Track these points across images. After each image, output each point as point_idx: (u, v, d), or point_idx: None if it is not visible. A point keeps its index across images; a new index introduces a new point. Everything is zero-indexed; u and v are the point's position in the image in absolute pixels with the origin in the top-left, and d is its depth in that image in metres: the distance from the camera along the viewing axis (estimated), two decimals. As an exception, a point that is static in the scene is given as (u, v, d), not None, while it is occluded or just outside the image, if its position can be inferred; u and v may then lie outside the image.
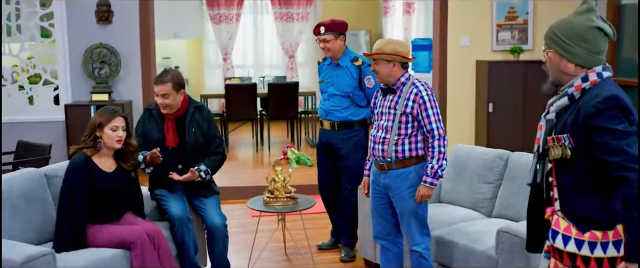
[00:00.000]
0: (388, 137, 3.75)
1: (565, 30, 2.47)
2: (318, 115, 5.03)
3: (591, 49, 2.45)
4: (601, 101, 2.34)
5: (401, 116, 3.71)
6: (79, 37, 7.23)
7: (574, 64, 2.46)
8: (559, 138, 2.42)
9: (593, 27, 2.45)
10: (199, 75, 12.32)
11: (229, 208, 6.14)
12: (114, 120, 3.85)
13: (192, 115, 4.32)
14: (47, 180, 4.05)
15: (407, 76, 3.79)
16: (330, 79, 4.86)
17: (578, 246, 2.40)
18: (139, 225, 3.93)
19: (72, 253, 3.69)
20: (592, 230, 2.38)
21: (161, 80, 4.19)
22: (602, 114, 2.33)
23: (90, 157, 3.85)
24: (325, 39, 4.76)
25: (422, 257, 3.84)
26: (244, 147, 9.86)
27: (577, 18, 2.47)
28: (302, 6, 12.07)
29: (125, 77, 7.34)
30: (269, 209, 4.60)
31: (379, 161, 3.82)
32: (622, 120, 2.33)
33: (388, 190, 3.84)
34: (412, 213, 3.78)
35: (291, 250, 5.15)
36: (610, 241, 2.36)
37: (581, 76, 2.43)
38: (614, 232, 2.36)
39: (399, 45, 3.75)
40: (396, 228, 3.95)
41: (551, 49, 2.50)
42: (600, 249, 2.37)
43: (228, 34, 11.89)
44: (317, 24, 4.83)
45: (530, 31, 7.71)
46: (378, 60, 3.76)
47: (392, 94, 3.79)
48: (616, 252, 2.35)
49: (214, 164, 4.34)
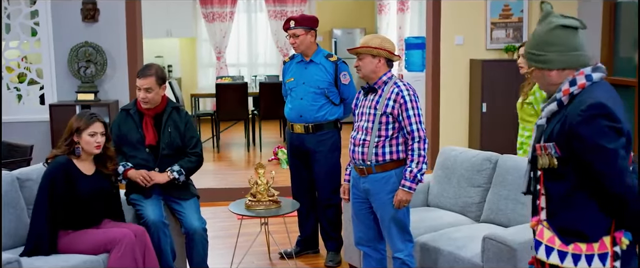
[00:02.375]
0: (368, 139, 3.62)
1: (533, 43, 2.42)
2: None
3: (562, 49, 2.36)
4: (585, 109, 2.22)
5: (381, 116, 3.58)
6: (64, 35, 7.09)
7: (555, 71, 2.37)
8: (545, 147, 2.32)
9: (554, 28, 2.36)
10: (192, 74, 12.20)
11: (216, 211, 6.03)
12: (92, 125, 3.74)
13: (170, 114, 4.23)
14: (20, 184, 3.95)
15: (389, 75, 3.66)
16: (302, 77, 4.70)
17: (561, 258, 2.31)
18: (123, 227, 3.83)
19: (39, 260, 3.56)
20: (577, 242, 2.29)
21: (144, 74, 4.10)
22: (586, 125, 2.22)
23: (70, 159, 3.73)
24: (295, 34, 4.61)
25: (405, 264, 3.71)
26: (235, 147, 9.73)
27: (538, 27, 2.42)
28: (296, 4, 11.94)
29: (111, 77, 7.20)
30: (251, 213, 4.46)
31: (358, 164, 3.69)
32: (609, 134, 2.20)
33: (368, 195, 3.71)
34: (393, 219, 3.65)
35: (274, 254, 5.01)
36: (596, 254, 2.27)
37: (569, 79, 2.33)
38: (599, 245, 2.27)
39: (385, 41, 3.63)
40: (378, 234, 3.82)
41: (531, 67, 2.44)
42: (585, 262, 2.28)
43: (221, 33, 11.77)
44: (287, 18, 4.68)
45: (525, 29, 7.58)
46: (363, 55, 3.63)
47: (373, 93, 3.67)
48: (601, 264, 2.26)
49: (189, 165, 4.21)
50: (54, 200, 3.64)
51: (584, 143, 2.22)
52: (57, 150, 3.80)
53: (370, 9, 12.44)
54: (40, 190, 3.70)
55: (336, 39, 11.87)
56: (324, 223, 4.84)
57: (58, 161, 3.72)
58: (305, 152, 4.72)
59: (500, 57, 7.53)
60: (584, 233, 2.28)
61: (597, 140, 2.19)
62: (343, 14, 12.24)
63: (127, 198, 4.18)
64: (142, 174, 4.08)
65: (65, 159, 3.72)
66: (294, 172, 4.89)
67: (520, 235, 3.49)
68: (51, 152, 3.84)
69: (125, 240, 3.67)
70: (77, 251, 3.67)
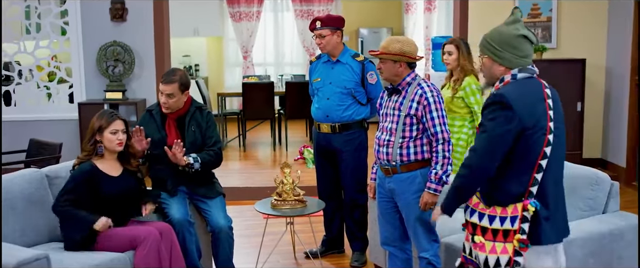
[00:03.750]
0: (392, 140, 3.61)
1: (495, 38, 2.83)
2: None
3: (518, 54, 2.80)
4: (489, 100, 2.77)
5: (405, 118, 3.57)
6: (93, 34, 7.19)
7: (503, 67, 2.82)
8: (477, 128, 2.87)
9: (519, 35, 2.80)
10: (218, 73, 12.26)
11: (241, 209, 6.05)
12: (113, 123, 3.78)
13: (193, 114, 4.24)
14: (49, 181, 4.00)
15: (413, 76, 3.64)
16: (328, 77, 4.68)
17: (480, 218, 2.81)
18: (149, 225, 3.86)
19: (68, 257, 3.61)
20: (495, 205, 2.78)
21: (168, 80, 4.11)
22: (485, 110, 2.77)
23: (96, 164, 3.78)
24: (321, 34, 4.59)
25: (431, 264, 3.69)
26: (261, 146, 9.76)
27: (506, 28, 2.83)
28: (323, 3, 11.94)
29: (139, 75, 7.27)
30: (276, 212, 4.47)
31: (383, 164, 3.68)
32: (496, 118, 2.71)
33: (393, 195, 3.69)
34: (418, 220, 3.62)
35: (300, 254, 5.01)
36: (508, 216, 2.74)
37: (502, 78, 2.82)
38: (512, 209, 2.74)
39: (405, 45, 3.60)
40: (404, 234, 3.80)
41: (485, 55, 2.87)
42: (498, 222, 2.76)
43: (248, 32, 11.82)
44: (313, 18, 4.66)
45: (554, 29, 7.49)
46: (384, 60, 3.62)
47: (397, 94, 3.65)
48: (511, 226, 2.73)
49: (206, 157, 4.19)
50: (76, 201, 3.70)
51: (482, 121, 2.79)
52: (82, 154, 3.84)
53: (397, 8, 12.39)
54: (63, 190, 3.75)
55: (363, 38, 11.85)
56: (350, 223, 4.83)
57: (82, 169, 3.76)
58: (332, 151, 4.71)
59: (528, 57, 7.45)
60: (497, 198, 2.77)
61: (484, 120, 2.77)
62: (370, 13, 12.21)
63: (154, 197, 4.20)
64: None
65: (90, 166, 3.77)
66: (320, 172, 4.89)
67: (548, 237, 3.44)
68: (76, 158, 3.87)
69: (150, 238, 3.70)
70: (104, 249, 3.71)
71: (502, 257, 2.73)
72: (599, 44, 7.56)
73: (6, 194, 3.72)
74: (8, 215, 3.70)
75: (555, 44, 7.49)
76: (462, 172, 2.82)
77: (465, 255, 2.90)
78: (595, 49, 7.53)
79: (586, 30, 7.51)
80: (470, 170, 2.78)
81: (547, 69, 7.22)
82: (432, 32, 10.53)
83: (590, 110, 7.53)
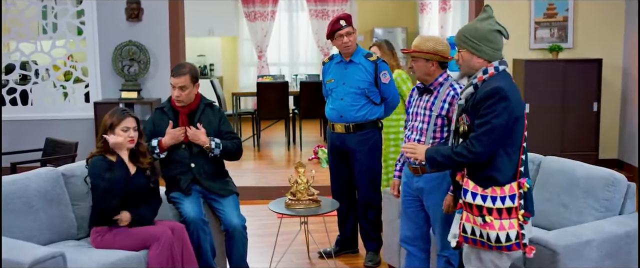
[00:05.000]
0: (423, 140, 3.60)
1: (473, 33, 3.08)
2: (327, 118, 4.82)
3: (494, 47, 3.07)
4: (488, 90, 2.98)
5: (436, 118, 3.58)
6: (109, 34, 7.23)
7: (482, 60, 3.07)
8: (460, 118, 3.12)
9: (494, 30, 3.09)
10: (233, 73, 12.29)
11: (256, 209, 6.06)
12: (124, 120, 3.80)
13: (203, 110, 4.28)
14: (65, 180, 4.01)
15: (445, 76, 3.64)
16: (342, 78, 4.68)
17: (483, 200, 3.02)
18: (162, 223, 3.87)
19: (83, 254, 3.63)
20: (493, 186, 3.01)
21: (178, 73, 4.16)
22: (486, 102, 2.97)
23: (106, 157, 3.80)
24: (348, 32, 4.58)
25: (449, 263, 3.70)
26: (275, 146, 9.77)
27: (481, 23, 3.10)
28: (337, 3, 11.93)
29: (154, 75, 7.31)
30: (290, 212, 4.47)
31: (412, 164, 3.66)
32: (497, 109, 2.95)
33: (421, 194, 3.68)
34: (445, 219, 3.59)
35: (314, 253, 5.01)
36: (507, 195, 3.00)
37: (483, 69, 3.06)
38: (509, 188, 3.01)
39: (438, 44, 3.59)
40: (426, 234, 3.80)
41: (464, 49, 3.10)
42: (500, 202, 3.00)
43: (263, 32, 11.83)
44: (335, 18, 4.62)
45: (570, 29, 7.44)
46: (416, 58, 3.61)
47: (429, 94, 3.65)
48: (511, 203, 3.00)
49: (228, 144, 4.26)
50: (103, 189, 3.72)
51: (480, 114, 2.99)
52: (95, 151, 3.86)
53: (412, 8, 12.35)
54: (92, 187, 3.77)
55: (377, 38, 11.82)
56: (364, 224, 4.82)
57: (95, 161, 3.79)
58: (346, 151, 4.70)
59: (544, 57, 7.41)
60: (494, 178, 3.01)
61: (487, 114, 2.97)
62: (384, 13, 12.18)
63: (168, 196, 4.22)
64: (179, 129, 4.16)
65: (101, 157, 3.79)
66: (334, 172, 4.88)
67: (563, 238, 3.43)
68: (89, 153, 3.89)
69: (163, 236, 3.70)
70: (118, 247, 3.73)
71: (510, 232, 3.00)
72: (616, 44, 7.50)
73: (22, 192, 3.75)
74: (24, 213, 3.72)
75: (571, 43, 7.44)
76: (464, 154, 3.03)
77: (466, 236, 3.10)
78: (611, 49, 7.47)
79: (602, 30, 7.46)
80: (474, 156, 3.01)
81: (563, 69, 7.21)
82: (447, 31, 10.49)
83: (606, 111, 7.47)
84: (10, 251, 3.25)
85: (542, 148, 5.29)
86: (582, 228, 3.59)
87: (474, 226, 3.05)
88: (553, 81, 7.19)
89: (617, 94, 7.59)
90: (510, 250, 3.02)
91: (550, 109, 7.19)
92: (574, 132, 7.27)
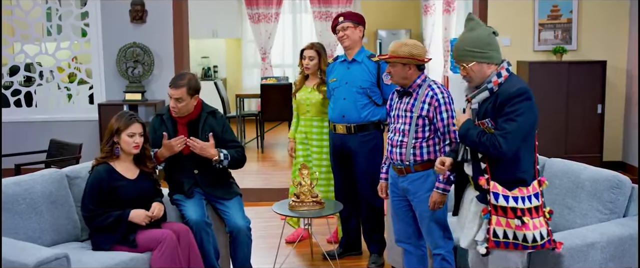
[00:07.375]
0: (405, 141, 3.68)
1: (476, 43, 3.08)
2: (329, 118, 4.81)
3: (496, 48, 3.12)
4: (514, 91, 3.00)
5: (418, 119, 3.65)
6: (113, 36, 7.24)
7: (493, 65, 3.09)
8: (483, 123, 3.08)
9: (490, 33, 3.13)
10: (237, 74, 12.31)
11: (259, 211, 6.05)
12: (131, 126, 3.80)
13: (205, 119, 4.23)
14: (69, 182, 4.03)
15: (423, 77, 3.72)
16: (345, 77, 4.68)
17: (514, 201, 3.03)
18: (166, 226, 3.88)
19: (87, 256, 3.64)
20: (519, 187, 3.04)
21: (176, 84, 4.09)
22: (512, 101, 2.98)
23: (113, 166, 3.81)
24: (343, 27, 4.61)
25: (445, 260, 3.74)
26: (279, 147, 9.77)
27: (476, 32, 3.11)
28: (341, 5, 11.93)
29: (158, 77, 7.32)
30: (294, 214, 4.47)
31: (397, 164, 3.73)
32: (525, 109, 2.98)
33: (407, 193, 3.75)
34: (432, 218, 3.68)
35: (317, 255, 5.01)
36: (532, 194, 3.05)
37: (495, 73, 3.07)
38: (532, 187, 3.07)
39: (413, 48, 3.66)
40: (417, 231, 3.85)
41: (471, 61, 3.08)
42: (528, 201, 3.04)
43: (266, 33, 11.83)
44: (335, 16, 4.69)
45: (574, 30, 7.43)
46: (394, 63, 3.68)
47: (408, 96, 3.72)
48: (537, 201, 3.06)
49: (234, 154, 4.21)
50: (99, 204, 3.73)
51: (505, 114, 2.99)
52: (100, 156, 3.86)
53: (416, 9, 12.35)
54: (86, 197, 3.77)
55: (381, 40, 11.84)
56: (366, 226, 4.82)
57: (99, 172, 3.78)
58: (347, 153, 4.69)
59: (547, 59, 7.40)
60: (520, 179, 3.05)
61: (514, 115, 2.98)
62: (388, 14, 12.18)
63: (170, 198, 4.21)
64: (175, 139, 4.06)
65: (106, 168, 3.78)
66: (336, 173, 4.88)
67: (567, 240, 3.42)
68: (94, 159, 3.89)
69: (166, 239, 3.71)
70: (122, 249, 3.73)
71: (542, 230, 3.05)
72: (620, 46, 7.48)
73: (27, 194, 3.76)
74: (28, 215, 3.73)
75: (575, 45, 7.43)
76: (489, 148, 3.00)
77: (497, 240, 3.05)
78: (616, 51, 7.46)
79: (607, 32, 7.45)
80: (498, 153, 2.99)
81: (567, 70, 7.20)
82: (450, 33, 10.49)
83: (610, 113, 7.46)
84: (14, 252, 3.26)
85: (546, 150, 5.28)
86: (586, 231, 3.59)
87: (506, 229, 3.04)
88: (557, 83, 7.18)
89: (621, 96, 7.58)
90: (543, 248, 3.07)
91: (554, 110, 7.17)
92: (578, 134, 7.25)
